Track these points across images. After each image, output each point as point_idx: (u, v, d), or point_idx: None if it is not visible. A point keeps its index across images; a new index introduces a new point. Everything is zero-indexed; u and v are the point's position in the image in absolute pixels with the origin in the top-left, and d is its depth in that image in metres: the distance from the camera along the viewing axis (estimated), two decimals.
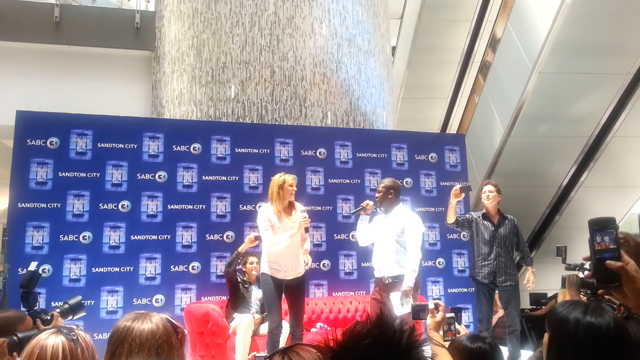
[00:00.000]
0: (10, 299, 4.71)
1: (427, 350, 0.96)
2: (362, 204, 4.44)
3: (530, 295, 7.57)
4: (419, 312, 2.23)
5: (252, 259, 5.05)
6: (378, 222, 4.44)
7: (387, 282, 4.25)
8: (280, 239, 4.06)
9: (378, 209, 4.41)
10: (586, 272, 1.29)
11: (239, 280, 4.96)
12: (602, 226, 1.24)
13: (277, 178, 4.20)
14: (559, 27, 5.83)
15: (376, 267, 4.39)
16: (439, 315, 2.14)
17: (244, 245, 4.94)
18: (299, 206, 4.25)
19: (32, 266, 2.75)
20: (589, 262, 1.28)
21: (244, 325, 4.48)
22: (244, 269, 5.05)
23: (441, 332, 2.17)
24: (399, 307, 4.03)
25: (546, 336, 1.41)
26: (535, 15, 6.38)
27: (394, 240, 4.26)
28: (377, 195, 4.41)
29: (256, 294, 4.92)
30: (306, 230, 4.16)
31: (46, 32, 7.03)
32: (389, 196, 4.36)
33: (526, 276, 4.77)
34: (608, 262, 1.20)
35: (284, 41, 6.32)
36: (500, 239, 4.76)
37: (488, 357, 1.88)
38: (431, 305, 2.16)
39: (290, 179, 4.20)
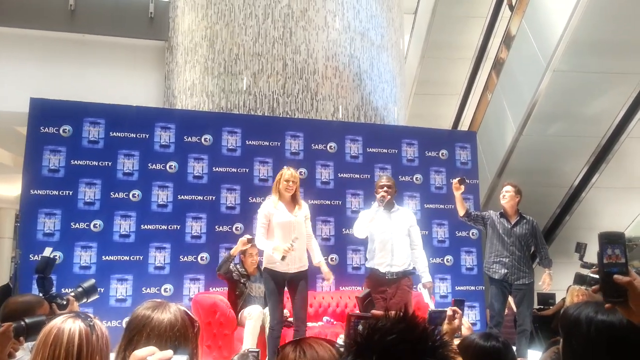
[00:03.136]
0: (21, 284, 4.76)
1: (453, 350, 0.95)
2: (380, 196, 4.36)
3: (539, 295, 7.53)
4: (435, 317, 2.15)
5: (252, 251, 4.85)
6: (382, 218, 4.43)
7: (395, 277, 4.27)
8: (280, 244, 4.01)
9: (382, 204, 4.36)
10: (593, 287, 1.27)
11: (235, 277, 4.84)
12: (612, 240, 1.23)
13: (282, 171, 4.24)
14: (575, 24, 5.76)
15: (385, 263, 4.32)
16: (455, 322, 2.08)
17: (236, 248, 4.72)
18: (304, 207, 4.24)
19: (47, 252, 2.78)
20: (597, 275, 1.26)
21: (254, 316, 4.44)
22: (242, 258, 4.92)
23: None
24: (430, 302, 4.23)
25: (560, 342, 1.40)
26: (551, 12, 6.31)
27: (406, 235, 4.41)
28: (389, 190, 4.39)
29: (259, 285, 4.80)
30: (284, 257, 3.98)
31: (61, 20, 7.05)
32: (395, 193, 4.53)
33: (542, 277, 4.76)
34: (616, 276, 1.18)
35: (297, 34, 6.30)
36: (515, 238, 4.77)
37: (502, 356, 1.84)
38: (449, 312, 2.10)
39: (287, 174, 4.16)
